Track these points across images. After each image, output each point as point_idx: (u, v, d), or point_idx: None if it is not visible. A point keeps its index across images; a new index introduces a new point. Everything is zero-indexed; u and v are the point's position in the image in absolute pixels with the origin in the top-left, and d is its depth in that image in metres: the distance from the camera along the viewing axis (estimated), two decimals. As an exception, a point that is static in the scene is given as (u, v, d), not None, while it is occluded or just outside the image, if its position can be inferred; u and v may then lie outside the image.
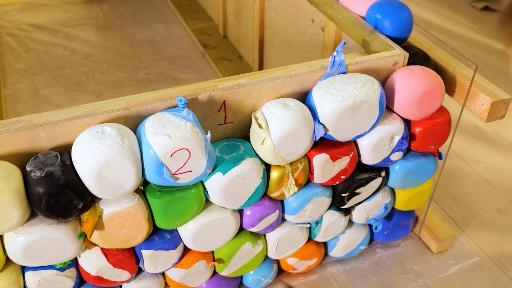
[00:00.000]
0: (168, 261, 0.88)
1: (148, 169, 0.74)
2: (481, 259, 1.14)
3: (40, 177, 0.69)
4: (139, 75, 1.77)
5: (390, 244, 1.16)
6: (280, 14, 1.43)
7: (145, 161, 0.74)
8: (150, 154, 0.72)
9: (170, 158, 0.73)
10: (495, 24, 2.11)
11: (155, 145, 0.72)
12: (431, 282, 1.09)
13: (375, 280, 1.09)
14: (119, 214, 0.77)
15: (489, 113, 0.87)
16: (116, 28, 2.03)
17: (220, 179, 0.80)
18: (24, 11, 2.13)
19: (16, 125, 0.72)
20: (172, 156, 0.72)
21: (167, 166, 0.73)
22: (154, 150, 0.72)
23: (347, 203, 0.98)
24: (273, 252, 0.99)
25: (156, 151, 0.72)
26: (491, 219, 1.24)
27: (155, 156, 0.72)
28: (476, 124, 1.54)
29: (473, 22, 2.12)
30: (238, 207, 0.87)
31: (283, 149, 0.82)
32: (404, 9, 0.98)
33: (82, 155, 0.70)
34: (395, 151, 0.93)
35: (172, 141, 0.72)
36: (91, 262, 0.82)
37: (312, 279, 1.09)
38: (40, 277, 0.80)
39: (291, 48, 1.42)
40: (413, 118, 0.92)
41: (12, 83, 1.71)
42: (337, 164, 0.90)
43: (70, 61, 1.83)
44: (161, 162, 0.72)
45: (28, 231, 0.73)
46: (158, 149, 0.72)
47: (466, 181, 1.35)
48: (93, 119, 0.75)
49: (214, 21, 2.02)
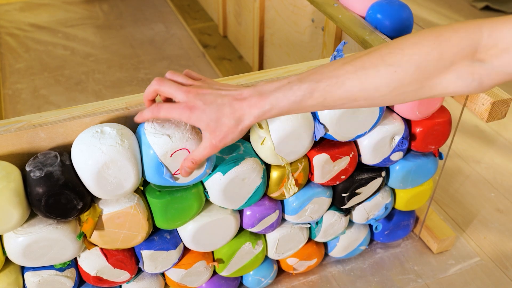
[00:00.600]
0: (168, 261, 0.88)
1: (148, 169, 0.74)
2: (482, 259, 1.14)
3: (39, 177, 0.69)
4: (139, 75, 1.76)
5: (391, 244, 1.16)
6: (280, 14, 1.43)
7: (144, 161, 0.73)
8: (149, 154, 0.72)
9: (169, 158, 0.72)
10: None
11: (155, 145, 0.71)
12: (431, 283, 1.09)
13: (375, 281, 1.09)
14: (118, 214, 0.77)
15: (490, 113, 0.86)
16: (116, 28, 2.03)
17: (220, 179, 0.80)
18: (23, 11, 2.13)
19: (16, 125, 0.72)
20: (172, 156, 0.72)
21: (166, 166, 0.73)
22: (153, 150, 0.71)
23: (347, 203, 0.98)
24: (273, 252, 0.99)
25: (155, 151, 0.71)
26: (492, 219, 1.24)
27: (155, 156, 0.72)
28: (476, 124, 1.54)
29: (473, 22, 2.12)
30: (238, 207, 0.86)
31: (283, 149, 0.82)
32: (404, 9, 0.98)
33: (82, 155, 0.70)
34: (396, 151, 0.93)
35: (172, 141, 0.71)
36: (91, 262, 0.82)
37: (312, 280, 1.09)
38: (40, 277, 0.80)
39: (291, 48, 1.41)
40: (413, 118, 0.92)
41: (12, 83, 1.71)
42: (337, 164, 0.89)
43: (69, 61, 1.82)
44: (161, 162, 0.72)
45: (27, 231, 0.73)
46: (157, 149, 0.71)
47: (466, 181, 1.34)
48: (92, 119, 0.75)
49: (214, 21, 2.02)
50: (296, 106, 0.64)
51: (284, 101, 0.64)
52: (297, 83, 0.64)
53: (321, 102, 0.64)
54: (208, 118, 0.66)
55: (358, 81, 0.62)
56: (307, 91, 0.63)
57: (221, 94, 0.66)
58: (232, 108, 0.65)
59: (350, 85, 0.62)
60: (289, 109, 0.65)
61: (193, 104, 0.66)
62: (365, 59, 0.62)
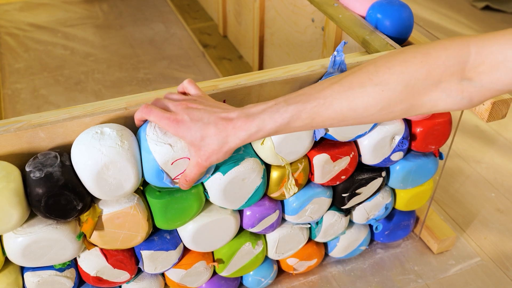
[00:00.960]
0: (167, 261, 0.88)
1: (148, 172, 0.74)
2: (482, 260, 1.14)
3: (39, 178, 0.69)
4: (139, 75, 1.76)
5: (391, 245, 1.16)
6: (280, 14, 1.43)
7: (144, 165, 0.73)
8: (150, 160, 0.72)
9: (170, 166, 0.72)
10: (496, 23, 2.11)
11: (156, 153, 0.71)
12: (431, 283, 1.09)
13: (376, 281, 1.09)
14: (118, 215, 0.77)
15: (490, 113, 0.86)
16: (116, 28, 2.03)
17: (220, 179, 0.80)
18: (23, 11, 2.13)
19: (15, 125, 0.72)
20: (172, 164, 0.72)
21: (167, 173, 0.73)
22: (154, 158, 0.71)
23: (348, 204, 0.97)
24: (273, 252, 0.99)
25: (156, 159, 0.71)
26: (492, 219, 1.24)
27: (155, 163, 0.72)
28: (477, 124, 1.54)
29: (473, 22, 2.12)
30: (238, 208, 0.86)
31: (283, 149, 0.82)
32: (404, 9, 0.98)
33: (82, 156, 0.70)
34: (396, 151, 0.92)
35: (174, 150, 0.71)
36: (91, 262, 0.82)
37: (312, 280, 1.09)
38: (39, 277, 0.80)
39: (291, 47, 1.41)
40: (413, 118, 0.92)
41: (11, 82, 1.71)
42: (337, 164, 0.89)
43: (69, 61, 1.82)
44: (161, 169, 0.72)
45: (27, 232, 0.73)
46: (159, 158, 0.71)
47: (466, 181, 1.34)
48: (92, 119, 0.74)
49: (214, 21, 2.02)
50: (284, 128, 0.64)
51: (271, 123, 0.64)
52: (284, 105, 0.63)
53: (309, 123, 0.64)
54: (193, 135, 0.66)
55: (346, 101, 0.61)
56: (294, 113, 0.63)
57: (208, 111, 0.66)
58: (217, 128, 0.65)
59: (338, 105, 0.62)
60: (276, 131, 0.65)
61: (181, 118, 0.66)
62: (352, 78, 0.62)
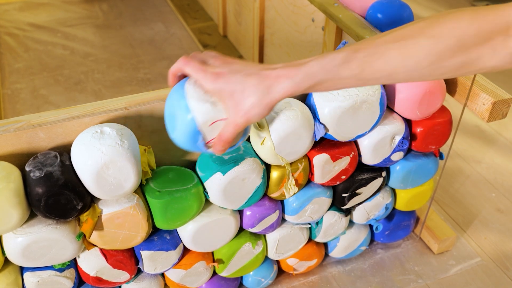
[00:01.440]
0: (167, 261, 0.87)
1: (181, 134, 0.67)
2: (482, 260, 1.14)
3: (39, 177, 0.69)
4: (139, 74, 1.76)
5: (391, 245, 1.16)
6: (280, 14, 1.43)
7: (178, 125, 0.66)
8: (186, 119, 0.65)
9: (208, 127, 0.66)
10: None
11: (196, 111, 0.64)
12: (432, 283, 1.08)
13: (376, 281, 1.09)
14: (118, 215, 0.77)
15: (491, 113, 0.86)
16: (116, 28, 2.03)
17: (220, 179, 0.80)
18: (23, 11, 2.12)
19: (15, 125, 0.72)
20: (211, 126, 0.65)
21: (204, 135, 0.67)
22: (193, 116, 0.64)
23: (348, 204, 0.97)
24: (273, 252, 0.99)
25: (196, 117, 0.64)
26: (492, 219, 1.24)
27: (193, 123, 0.65)
28: (477, 124, 1.54)
29: (473, 22, 2.12)
30: (238, 208, 0.86)
31: (283, 149, 0.82)
32: (404, 8, 0.98)
33: (82, 156, 0.70)
34: (396, 151, 0.92)
35: (215, 110, 0.64)
36: (90, 262, 0.82)
37: (313, 280, 1.09)
38: (39, 277, 0.80)
39: (291, 47, 1.41)
40: (414, 118, 0.92)
41: (11, 82, 1.71)
42: (337, 164, 0.89)
43: (69, 61, 1.82)
44: (199, 130, 0.66)
45: (27, 232, 0.73)
46: (199, 116, 0.64)
47: (467, 181, 1.34)
48: (92, 119, 0.74)
49: (214, 21, 2.02)
50: (332, 76, 0.60)
51: (319, 69, 0.59)
52: (333, 53, 0.60)
53: (358, 74, 0.60)
54: (232, 88, 0.60)
55: (397, 51, 0.59)
56: (344, 60, 0.59)
57: (249, 64, 0.62)
58: (260, 77, 0.60)
59: (389, 56, 0.59)
60: (323, 79, 0.60)
61: (219, 71, 0.61)
62: (405, 31, 0.60)
